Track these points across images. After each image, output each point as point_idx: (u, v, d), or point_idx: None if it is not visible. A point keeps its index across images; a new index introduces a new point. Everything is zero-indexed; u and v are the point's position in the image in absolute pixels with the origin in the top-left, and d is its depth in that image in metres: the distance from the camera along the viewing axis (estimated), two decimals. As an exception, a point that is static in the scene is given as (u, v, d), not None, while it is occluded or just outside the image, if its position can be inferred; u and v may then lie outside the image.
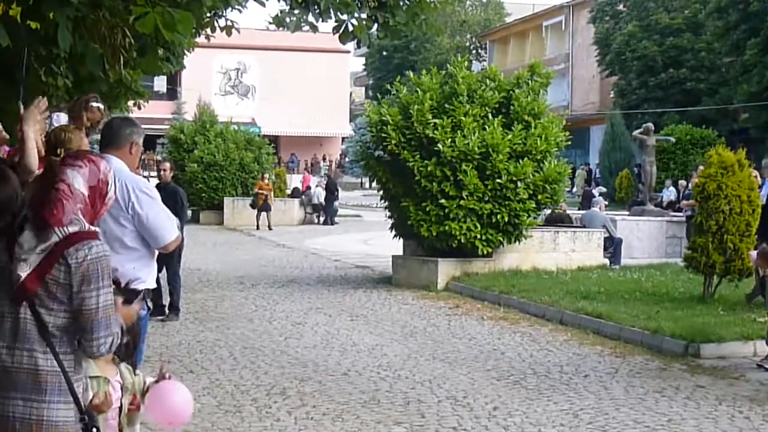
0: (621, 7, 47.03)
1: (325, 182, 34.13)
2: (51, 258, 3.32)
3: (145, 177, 6.14)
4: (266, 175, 31.82)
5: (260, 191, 30.39)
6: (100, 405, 3.64)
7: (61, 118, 6.52)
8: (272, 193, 31.53)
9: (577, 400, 7.91)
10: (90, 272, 3.33)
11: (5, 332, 3.38)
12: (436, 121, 15.07)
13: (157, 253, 5.45)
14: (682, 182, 28.30)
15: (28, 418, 3.32)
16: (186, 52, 12.96)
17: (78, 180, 3.42)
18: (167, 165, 12.24)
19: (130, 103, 15.53)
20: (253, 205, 30.35)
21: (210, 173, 31.90)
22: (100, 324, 3.37)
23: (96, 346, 3.38)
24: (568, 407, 7.66)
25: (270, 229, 29.10)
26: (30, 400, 3.33)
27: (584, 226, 18.03)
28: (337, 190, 34.45)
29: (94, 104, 6.27)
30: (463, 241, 14.94)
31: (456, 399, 7.91)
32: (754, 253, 9.63)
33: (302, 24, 8.80)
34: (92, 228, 3.41)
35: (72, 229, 3.35)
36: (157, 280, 6.13)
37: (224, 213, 31.87)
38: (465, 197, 14.85)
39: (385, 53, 74.89)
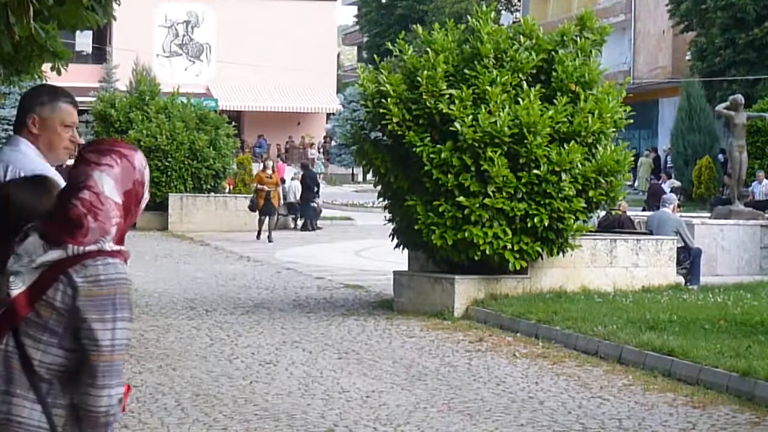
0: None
1: (301, 174, 34.09)
2: (51, 274, 3.29)
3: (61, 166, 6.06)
4: (269, 164, 31.08)
5: (260, 186, 29.60)
6: None
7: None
8: (279, 188, 30.59)
9: (641, 464, 7.94)
10: (104, 296, 3.29)
11: None
12: (453, 92, 15.09)
13: None
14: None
15: None
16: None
17: (108, 184, 3.39)
18: None
19: (46, 66, 15.53)
20: (252, 207, 29.97)
21: (150, 161, 31.80)
22: (112, 368, 3.31)
23: (106, 397, 3.30)
24: (628, 474, 7.68)
25: (270, 240, 28.31)
26: None
27: (651, 233, 18.04)
28: (318, 185, 34.45)
29: None
30: (488, 252, 14.97)
31: (479, 463, 7.93)
32: None
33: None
34: (116, 247, 3.36)
35: (89, 249, 3.32)
36: None
37: (169, 214, 31.92)
38: (491, 194, 14.88)
39: (384, 0, 74.96)
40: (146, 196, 3.50)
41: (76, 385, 3.34)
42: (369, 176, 18.18)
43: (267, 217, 28.96)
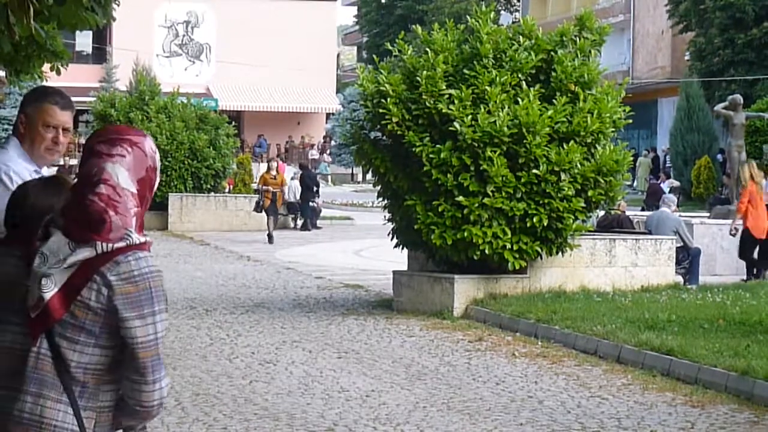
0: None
1: (299, 174, 34.01)
2: (82, 274, 3.27)
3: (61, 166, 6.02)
4: (273, 164, 30.62)
5: (266, 188, 29.03)
6: None
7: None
8: (285, 189, 30.09)
9: (640, 464, 7.94)
10: (140, 291, 3.28)
11: (9, 369, 3.34)
12: (452, 92, 15.09)
13: None
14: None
15: None
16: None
17: (123, 175, 3.35)
18: None
19: (46, 67, 15.56)
20: (258, 208, 29.78)
21: (150, 161, 31.93)
22: (159, 362, 3.33)
23: (158, 390, 3.32)
24: (627, 474, 7.68)
25: (270, 241, 27.66)
26: None
27: (650, 233, 18.04)
28: (317, 185, 34.42)
29: None
30: (487, 252, 14.97)
31: (478, 463, 7.93)
32: None
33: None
34: (142, 239, 3.35)
35: (118, 245, 3.30)
36: None
37: (169, 214, 31.93)
38: (490, 194, 14.88)
39: (384, 1, 74.99)
40: (158, 180, 3.49)
41: (111, 385, 3.34)
42: (368, 176, 18.01)
43: (272, 217, 28.65)
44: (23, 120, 5.06)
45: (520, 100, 15.09)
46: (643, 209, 31.08)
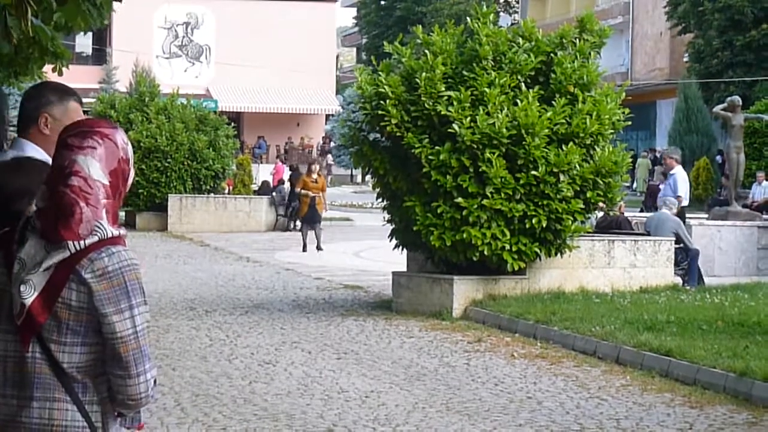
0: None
1: (289, 176, 33.85)
2: (60, 275, 3.29)
3: None
4: (315, 167, 28.47)
5: (305, 192, 27.24)
6: None
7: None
8: (323, 194, 28.01)
9: (639, 464, 7.94)
10: (115, 287, 3.30)
11: (8, 377, 3.36)
12: (451, 93, 15.10)
13: None
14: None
15: None
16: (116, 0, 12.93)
17: (94, 167, 3.37)
18: None
19: (47, 68, 15.54)
20: (292, 215, 29.04)
21: (150, 162, 32.01)
22: (141, 355, 3.33)
23: (143, 383, 3.34)
24: (626, 474, 7.69)
25: (319, 249, 25.67)
26: None
27: (649, 234, 18.05)
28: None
29: None
30: (486, 253, 14.97)
31: (477, 463, 7.93)
32: None
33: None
34: (115, 232, 3.37)
35: (90, 241, 3.32)
36: None
37: (169, 215, 31.95)
38: (489, 195, 14.89)
39: (383, 2, 75.05)
40: (132, 173, 3.50)
41: (106, 378, 3.37)
42: (368, 177, 17.84)
43: (314, 225, 26.54)
44: (47, 121, 4.86)
45: (519, 101, 15.10)
46: (641, 210, 31.09)
